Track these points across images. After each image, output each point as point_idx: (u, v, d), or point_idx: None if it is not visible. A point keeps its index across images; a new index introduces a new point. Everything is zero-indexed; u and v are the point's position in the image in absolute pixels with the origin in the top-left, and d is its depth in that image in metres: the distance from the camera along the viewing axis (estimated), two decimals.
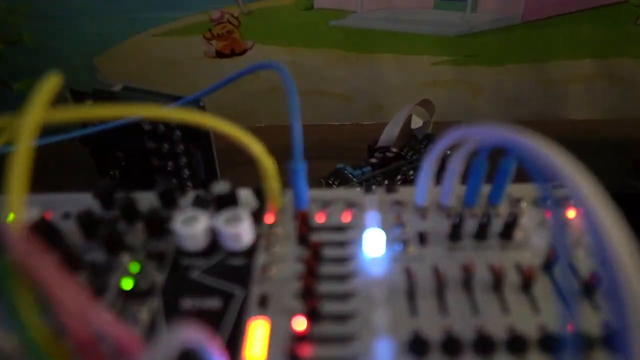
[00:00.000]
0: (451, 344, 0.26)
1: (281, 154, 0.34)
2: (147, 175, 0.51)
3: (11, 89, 0.68)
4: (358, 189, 0.37)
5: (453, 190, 0.33)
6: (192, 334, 0.22)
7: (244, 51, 0.55)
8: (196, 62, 0.65)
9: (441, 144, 0.31)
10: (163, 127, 0.46)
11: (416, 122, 0.57)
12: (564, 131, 0.46)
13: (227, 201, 0.34)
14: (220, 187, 0.34)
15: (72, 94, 0.50)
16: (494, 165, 0.33)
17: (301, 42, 0.56)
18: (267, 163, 0.32)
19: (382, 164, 0.52)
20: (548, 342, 0.26)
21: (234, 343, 0.27)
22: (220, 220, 0.31)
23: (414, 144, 0.55)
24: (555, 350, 0.26)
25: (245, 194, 0.37)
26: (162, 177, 0.47)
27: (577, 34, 0.59)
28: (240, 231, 0.31)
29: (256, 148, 0.31)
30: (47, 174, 0.45)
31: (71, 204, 0.36)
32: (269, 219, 0.35)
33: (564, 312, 0.28)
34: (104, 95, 0.50)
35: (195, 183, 0.47)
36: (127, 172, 0.51)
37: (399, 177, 0.48)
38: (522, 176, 0.34)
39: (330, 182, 0.45)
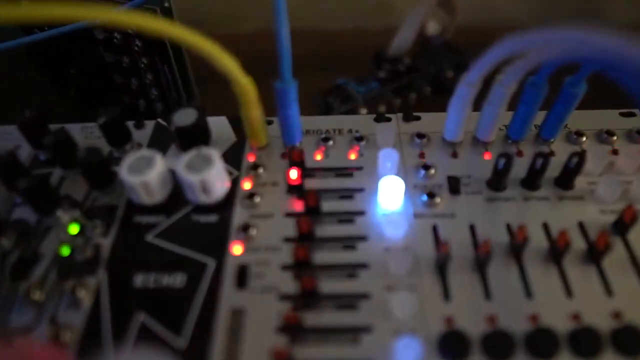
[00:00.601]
0: (498, 341, 0.19)
1: (272, 66, 0.24)
2: (110, 95, 0.41)
3: None
4: (366, 113, 0.28)
5: (498, 121, 0.25)
6: None
7: None
8: None
9: (489, 57, 0.21)
10: (119, 36, 0.36)
11: (433, 27, 0.46)
12: None
13: (193, 135, 0.25)
14: (184, 116, 0.25)
15: None
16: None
17: None
18: (245, 84, 0.23)
19: (393, 78, 0.42)
20: (624, 337, 0.19)
21: (202, 337, 0.20)
22: (183, 164, 0.23)
23: (431, 54, 0.45)
24: (636, 350, 0.19)
25: (220, 124, 0.28)
26: (125, 99, 0.38)
27: None
28: (210, 178, 0.23)
29: (229, 64, 0.22)
30: None
31: None
32: (249, 158, 0.26)
33: None
34: None
35: (167, 105, 0.37)
36: (86, 92, 0.41)
37: (413, 94, 0.39)
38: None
39: (330, 101, 0.36)
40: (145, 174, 0.23)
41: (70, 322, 0.21)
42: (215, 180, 0.23)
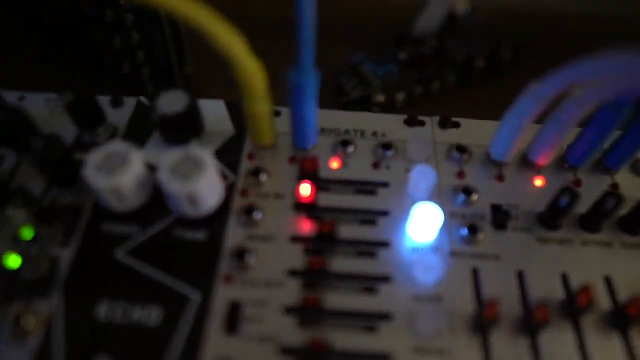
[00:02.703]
0: None
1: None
2: (88, 56, 0.35)
3: None
4: (383, 101, 0.23)
5: (560, 143, 0.20)
6: None
7: None
8: None
9: (575, 71, 0.17)
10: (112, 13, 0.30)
11: (462, 5, 0.40)
12: None
13: (182, 127, 0.20)
14: (172, 101, 0.20)
15: None
16: None
17: None
18: (252, 71, 0.18)
19: (415, 62, 0.37)
20: None
21: None
22: (166, 168, 0.18)
23: (460, 37, 0.40)
24: None
25: (216, 111, 0.23)
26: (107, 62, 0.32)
27: None
28: (200, 189, 0.18)
29: (231, 40, 0.17)
30: None
31: None
32: (249, 160, 0.21)
33: None
34: None
35: (155, 72, 0.32)
36: (61, 48, 0.35)
37: (437, 82, 0.34)
38: None
39: (343, 83, 0.31)
40: (118, 176, 0.18)
41: None
42: (206, 191, 0.18)
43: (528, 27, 0.38)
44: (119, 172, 0.18)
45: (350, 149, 0.22)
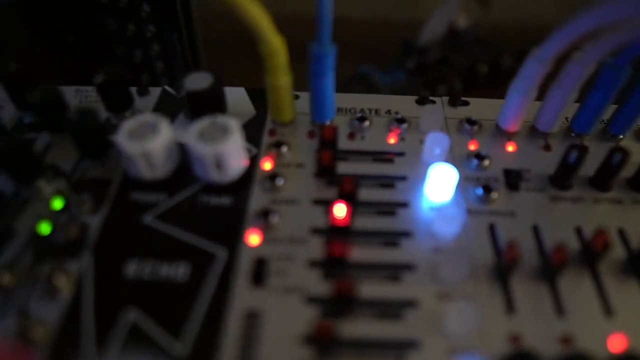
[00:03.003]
0: None
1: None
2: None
3: None
4: (403, 97, 0.24)
5: (566, 107, 0.21)
6: None
7: None
8: None
9: (573, 27, 0.18)
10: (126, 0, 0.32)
11: (464, 20, 0.43)
12: None
13: (207, 103, 0.21)
14: (197, 80, 0.21)
15: None
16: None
17: None
18: (275, 44, 0.19)
19: (421, 69, 0.39)
20: None
21: (207, 343, 0.16)
22: (194, 132, 0.19)
23: (462, 48, 0.42)
24: None
25: (237, 96, 0.24)
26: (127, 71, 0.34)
27: None
28: (226, 151, 0.19)
29: (259, 17, 0.18)
30: None
31: None
32: (270, 135, 0.22)
33: None
34: None
35: (173, 82, 0.34)
36: (81, 62, 0.37)
37: (443, 88, 0.36)
38: None
39: (351, 90, 0.33)
40: (148, 141, 0.19)
41: (44, 316, 0.17)
42: (232, 154, 0.19)
43: (526, 39, 0.40)
44: (149, 138, 0.19)
45: (366, 124, 0.23)
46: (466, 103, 0.24)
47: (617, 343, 0.16)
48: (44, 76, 0.24)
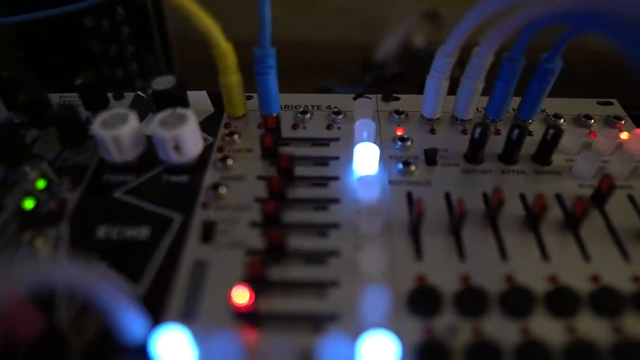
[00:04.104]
0: (471, 298, 0.18)
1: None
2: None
3: None
4: (343, 95, 0.28)
5: (476, 96, 0.25)
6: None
7: None
8: None
9: (466, 22, 0.22)
10: (108, 23, 0.36)
11: (420, 40, 0.47)
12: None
13: (170, 101, 0.25)
14: (163, 82, 0.25)
15: None
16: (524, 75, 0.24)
17: None
18: (225, 48, 0.23)
19: (379, 83, 0.43)
20: (602, 299, 0.19)
21: (162, 285, 0.19)
22: (157, 121, 0.22)
23: (417, 64, 0.46)
24: (613, 312, 0.18)
25: (199, 97, 0.28)
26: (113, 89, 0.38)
27: None
28: (183, 135, 0.22)
29: (210, 26, 0.22)
30: None
31: None
32: (225, 128, 0.26)
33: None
34: None
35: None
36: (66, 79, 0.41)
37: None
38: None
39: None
40: (118, 128, 0.22)
41: None
42: (188, 138, 0.23)
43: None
44: (119, 126, 0.22)
45: (307, 116, 0.26)
46: (397, 99, 0.28)
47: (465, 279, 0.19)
48: (33, 86, 0.28)
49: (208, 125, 0.26)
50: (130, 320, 0.16)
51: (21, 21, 0.31)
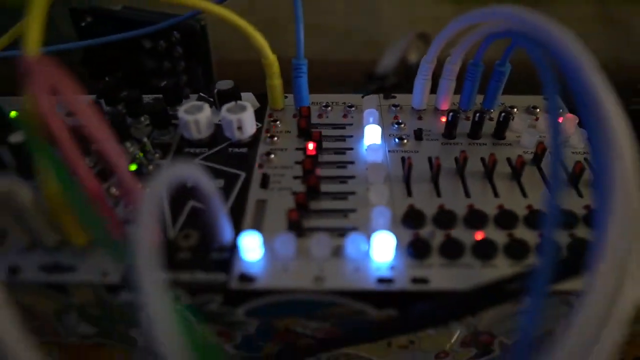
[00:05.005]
0: (444, 217, 0.28)
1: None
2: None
3: None
4: (355, 95, 0.38)
5: (450, 92, 0.35)
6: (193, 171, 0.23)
7: None
8: None
9: (439, 39, 0.32)
10: (164, 44, 0.46)
11: (414, 56, 0.57)
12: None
13: (230, 96, 0.35)
14: (223, 85, 0.35)
15: (72, 12, 0.50)
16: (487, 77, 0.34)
17: None
18: (272, 59, 0.33)
19: (379, 92, 0.52)
20: (534, 219, 0.28)
21: (237, 214, 0.28)
22: (225, 109, 0.32)
23: (412, 77, 0.56)
24: (539, 225, 0.27)
25: (247, 96, 0.38)
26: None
27: None
28: (243, 118, 0.32)
29: (263, 43, 0.32)
30: None
31: None
32: (269, 117, 0.36)
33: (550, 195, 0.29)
34: (103, 14, 0.50)
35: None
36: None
37: None
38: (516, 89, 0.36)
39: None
40: (197, 114, 0.32)
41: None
42: (248, 121, 0.32)
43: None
44: (197, 113, 0.32)
45: (329, 109, 0.36)
46: (394, 97, 0.38)
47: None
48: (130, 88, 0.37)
49: (257, 115, 0.36)
50: (225, 226, 0.26)
51: (89, 45, 0.41)
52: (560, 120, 0.35)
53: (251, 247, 0.26)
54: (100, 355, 0.31)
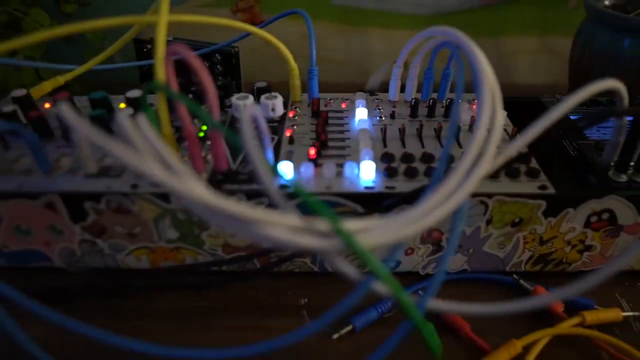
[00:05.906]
0: (407, 158, 0.43)
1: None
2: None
3: None
4: (356, 93, 0.55)
5: (414, 88, 0.51)
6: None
7: (261, 22, 0.72)
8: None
9: (405, 50, 0.49)
10: (208, 63, 0.63)
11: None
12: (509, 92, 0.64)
13: (265, 91, 0.51)
14: (260, 83, 0.52)
15: (135, 42, 0.67)
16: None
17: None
18: (294, 66, 0.50)
19: None
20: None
21: (275, 157, 0.44)
22: (263, 97, 0.49)
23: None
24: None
25: (275, 94, 0.55)
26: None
27: (524, 15, 0.79)
28: (276, 103, 0.48)
29: (287, 53, 0.49)
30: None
31: None
32: (291, 105, 0.52)
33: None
34: None
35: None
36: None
37: None
38: None
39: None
40: (245, 100, 0.48)
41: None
42: (278, 105, 0.49)
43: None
44: (245, 100, 0.48)
45: (332, 100, 0.53)
46: (377, 94, 0.54)
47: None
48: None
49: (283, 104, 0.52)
50: (270, 155, 0.42)
51: (144, 65, 0.58)
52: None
53: (286, 170, 0.41)
54: (177, 256, 0.46)
